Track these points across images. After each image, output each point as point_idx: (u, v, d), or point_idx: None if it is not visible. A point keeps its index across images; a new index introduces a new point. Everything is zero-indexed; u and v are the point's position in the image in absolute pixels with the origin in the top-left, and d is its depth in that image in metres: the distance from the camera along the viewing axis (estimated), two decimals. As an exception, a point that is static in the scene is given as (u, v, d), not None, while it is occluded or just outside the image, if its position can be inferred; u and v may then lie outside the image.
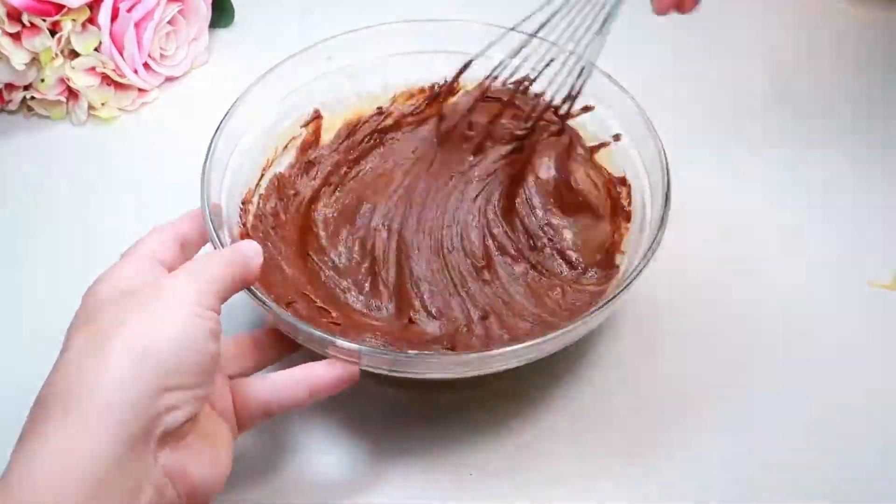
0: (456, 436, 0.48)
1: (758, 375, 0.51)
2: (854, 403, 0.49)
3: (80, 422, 0.32)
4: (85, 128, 0.65)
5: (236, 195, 0.51)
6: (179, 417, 0.35)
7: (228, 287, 0.39)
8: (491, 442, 0.48)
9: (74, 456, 0.32)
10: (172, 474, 0.35)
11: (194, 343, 0.35)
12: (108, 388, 0.33)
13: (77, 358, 0.35)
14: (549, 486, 0.46)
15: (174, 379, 0.34)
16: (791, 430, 0.48)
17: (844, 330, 0.52)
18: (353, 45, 0.55)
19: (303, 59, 0.54)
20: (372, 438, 0.48)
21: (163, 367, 0.34)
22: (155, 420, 0.34)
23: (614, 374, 0.51)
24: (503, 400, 0.49)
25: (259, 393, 0.42)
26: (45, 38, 0.60)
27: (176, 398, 0.34)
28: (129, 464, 0.33)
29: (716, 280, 0.55)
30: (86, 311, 0.37)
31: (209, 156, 0.48)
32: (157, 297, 0.36)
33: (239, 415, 0.41)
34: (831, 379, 0.50)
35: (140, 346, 0.34)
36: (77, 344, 0.35)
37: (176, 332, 0.35)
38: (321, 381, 0.42)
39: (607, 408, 0.49)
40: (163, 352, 0.34)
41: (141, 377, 0.33)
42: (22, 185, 0.61)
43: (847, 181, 0.60)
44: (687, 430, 0.48)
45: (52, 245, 0.58)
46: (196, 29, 0.68)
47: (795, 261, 0.56)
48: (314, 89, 0.55)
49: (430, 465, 0.47)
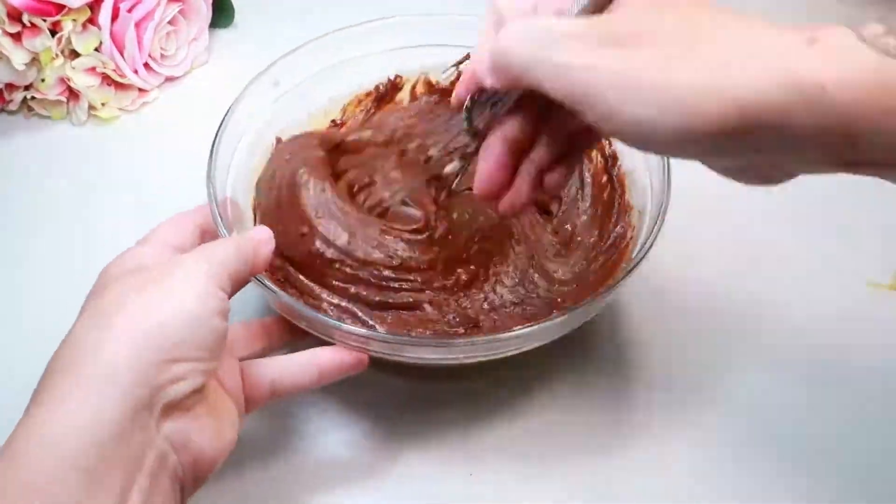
0: (461, 423, 0.48)
1: (758, 376, 0.51)
2: (854, 404, 0.49)
3: (85, 389, 0.33)
4: (85, 128, 0.65)
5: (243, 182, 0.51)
6: (184, 388, 0.35)
7: (240, 271, 0.40)
8: (498, 427, 0.48)
9: (80, 422, 0.32)
10: (176, 443, 0.35)
11: (202, 318, 0.36)
12: (114, 357, 0.34)
13: (85, 330, 0.35)
14: (554, 480, 0.46)
15: (180, 351, 0.35)
16: (791, 430, 0.48)
17: (844, 330, 0.52)
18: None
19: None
20: (374, 424, 0.49)
21: (170, 339, 0.35)
22: (160, 390, 0.34)
23: (613, 370, 0.51)
24: (508, 388, 0.49)
25: (267, 374, 0.43)
26: (45, 38, 0.60)
27: (182, 369, 0.35)
28: (133, 431, 0.33)
29: (715, 279, 0.55)
30: (99, 286, 0.38)
31: (213, 152, 0.48)
32: (169, 273, 0.37)
33: (247, 394, 0.42)
34: (831, 379, 0.50)
35: (148, 318, 0.35)
36: (86, 317, 0.36)
37: (184, 307, 0.36)
38: (328, 365, 0.43)
39: (613, 398, 0.50)
40: (170, 325, 0.35)
41: (147, 347, 0.34)
42: (22, 185, 0.61)
43: (847, 181, 0.60)
44: (687, 426, 0.48)
45: (52, 245, 0.58)
46: (196, 29, 0.68)
47: (795, 261, 0.56)
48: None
49: (435, 451, 0.47)
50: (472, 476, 0.47)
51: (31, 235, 0.58)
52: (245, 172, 0.52)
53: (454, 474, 0.47)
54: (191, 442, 0.36)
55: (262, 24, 0.73)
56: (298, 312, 0.43)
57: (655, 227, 0.45)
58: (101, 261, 0.41)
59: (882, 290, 0.54)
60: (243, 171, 0.52)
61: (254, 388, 0.42)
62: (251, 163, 0.53)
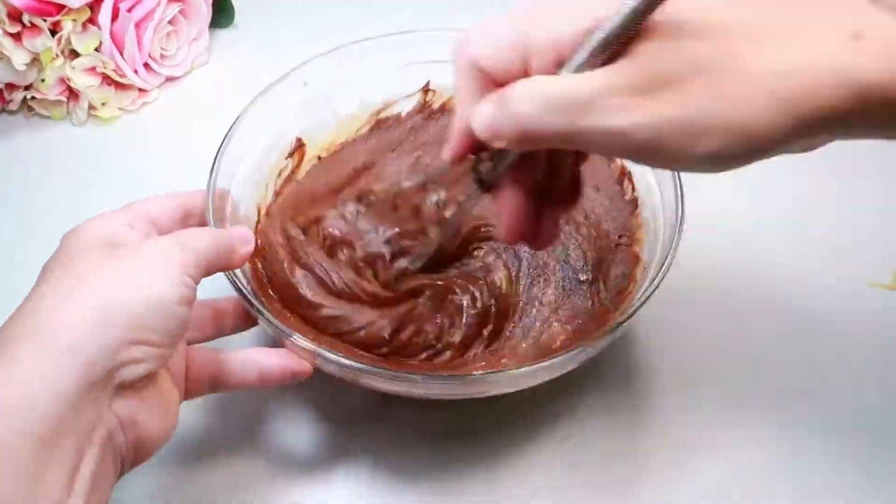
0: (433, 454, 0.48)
1: (758, 376, 0.51)
2: (855, 404, 0.49)
3: (44, 358, 0.33)
4: (85, 128, 0.65)
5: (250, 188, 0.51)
6: (140, 371, 0.35)
7: (211, 264, 0.39)
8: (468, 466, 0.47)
9: (36, 392, 0.32)
10: (124, 423, 0.36)
11: (169, 304, 0.36)
12: (77, 331, 0.34)
13: (51, 297, 0.35)
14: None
15: (143, 333, 0.35)
16: (791, 431, 0.48)
17: (844, 330, 0.52)
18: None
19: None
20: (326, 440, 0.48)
21: (135, 320, 0.35)
22: (118, 369, 0.34)
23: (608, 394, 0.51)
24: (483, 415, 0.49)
25: (211, 365, 0.43)
26: (45, 38, 0.60)
27: (142, 352, 0.35)
28: (86, 405, 0.33)
29: (714, 280, 0.55)
30: (66, 251, 0.38)
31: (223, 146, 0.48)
32: (139, 254, 0.37)
33: (189, 382, 0.42)
34: (831, 380, 0.50)
35: (114, 297, 0.35)
36: (53, 283, 0.36)
37: (150, 291, 0.36)
38: (272, 370, 0.43)
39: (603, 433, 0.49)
40: (137, 305, 0.35)
41: (111, 324, 0.34)
42: (22, 185, 0.61)
43: (847, 181, 0.60)
44: (689, 427, 0.48)
45: (52, 245, 0.57)
46: (196, 29, 0.68)
47: (795, 261, 0.56)
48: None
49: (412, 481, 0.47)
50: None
51: (31, 235, 0.58)
52: (255, 170, 0.52)
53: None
54: (137, 423, 0.36)
55: (262, 24, 0.73)
56: (259, 316, 0.43)
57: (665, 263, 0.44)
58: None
59: (882, 290, 0.54)
60: (255, 168, 0.51)
61: (196, 377, 0.42)
62: (269, 159, 0.52)
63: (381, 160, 0.55)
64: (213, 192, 0.46)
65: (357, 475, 0.47)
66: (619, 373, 0.51)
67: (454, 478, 0.47)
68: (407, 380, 0.42)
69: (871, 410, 0.49)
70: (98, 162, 0.63)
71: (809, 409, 0.49)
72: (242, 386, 0.43)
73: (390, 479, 0.47)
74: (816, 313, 0.53)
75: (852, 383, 0.50)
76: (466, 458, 0.47)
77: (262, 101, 0.51)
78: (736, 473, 0.47)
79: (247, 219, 0.50)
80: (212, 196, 0.45)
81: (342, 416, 0.49)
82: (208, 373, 0.43)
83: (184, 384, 0.42)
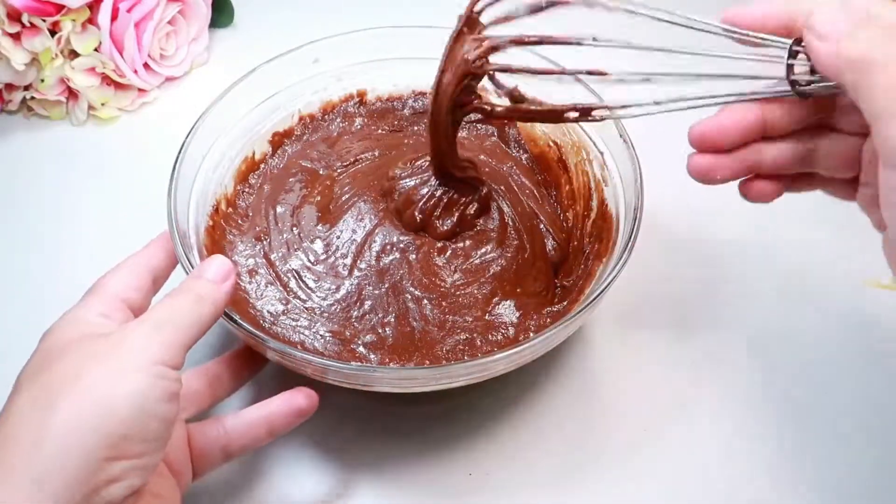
0: (419, 449, 0.47)
1: (757, 376, 0.51)
2: (854, 404, 0.49)
3: (12, 488, 0.31)
4: (85, 128, 0.65)
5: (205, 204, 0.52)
6: (121, 491, 0.33)
7: (196, 331, 0.37)
8: (453, 458, 0.47)
9: None
10: None
11: (149, 407, 0.33)
12: (49, 453, 0.31)
13: (25, 409, 0.33)
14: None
15: (122, 448, 0.32)
16: (791, 431, 0.48)
17: (844, 330, 0.52)
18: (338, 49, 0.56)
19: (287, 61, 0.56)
20: (336, 453, 0.48)
21: (111, 434, 0.32)
22: (96, 492, 0.32)
23: (581, 386, 0.51)
24: (469, 412, 0.49)
25: (217, 438, 0.41)
26: (45, 38, 0.60)
27: (121, 468, 0.32)
28: None
29: (712, 279, 0.55)
30: (42, 355, 0.35)
31: (174, 176, 0.49)
32: (116, 351, 0.34)
33: (196, 461, 0.41)
34: (831, 380, 0.50)
35: (89, 408, 0.32)
36: (27, 393, 0.34)
37: (130, 396, 0.33)
38: (279, 417, 0.42)
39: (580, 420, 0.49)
40: (115, 415, 0.32)
41: (85, 444, 0.31)
42: (22, 185, 0.61)
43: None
44: (668, 438, 0.48)
45: (53, 245, 0.58)
46: (196, 29, 0.68)
47: (795, 261, 0.56)
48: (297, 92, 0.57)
49: (399, 477, 0.47)
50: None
51: (31, 235, 0.58)
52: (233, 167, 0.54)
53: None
54: None
55: (262, 24, 0.73)
56: (257, 340, 0.41)
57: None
58: (102, 261, 0.41)
59: (882, 290, 0.54)
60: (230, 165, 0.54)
61: (203, 455, 0.41)
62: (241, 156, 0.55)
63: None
64: (175, 227, 0.44)
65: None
66: (579, 362, 0.51)
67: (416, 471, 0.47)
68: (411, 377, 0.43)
69: (871, 411, 0.49)
70: (98, 162, 0.63)
71: (809, 411, 0.49)
72: (254, 446, 0.42)
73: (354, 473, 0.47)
74: (815, 313, 0.53)
75: (851, 383, 0.50)
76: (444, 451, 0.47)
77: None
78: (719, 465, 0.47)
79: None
80: (176, 234, 0.44)
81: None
82: (218, 446, 0.41)
83: (189, 467, 0.40)
